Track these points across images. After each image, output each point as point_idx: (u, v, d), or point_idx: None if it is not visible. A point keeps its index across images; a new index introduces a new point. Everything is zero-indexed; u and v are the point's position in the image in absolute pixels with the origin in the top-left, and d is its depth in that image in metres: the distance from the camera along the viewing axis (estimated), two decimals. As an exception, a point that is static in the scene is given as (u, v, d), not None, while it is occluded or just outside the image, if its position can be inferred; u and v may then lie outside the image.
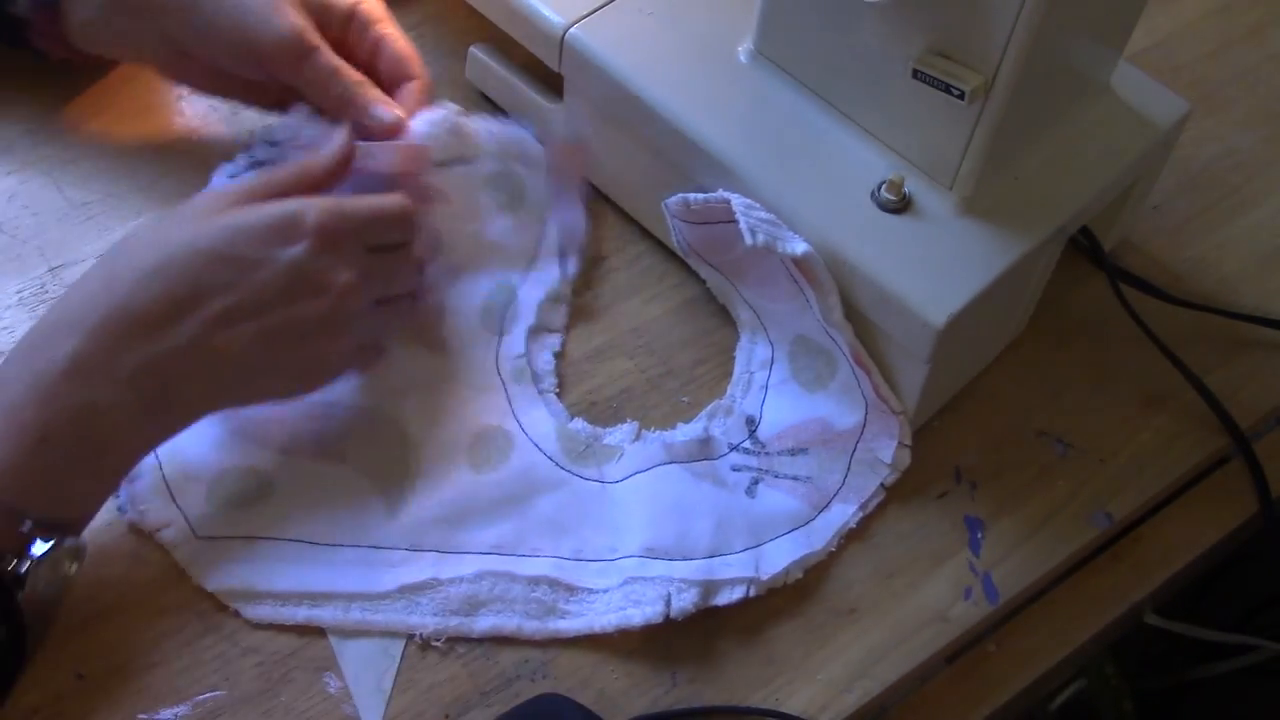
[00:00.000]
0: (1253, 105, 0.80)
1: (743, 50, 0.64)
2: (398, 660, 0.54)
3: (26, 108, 0.69)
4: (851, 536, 0.60)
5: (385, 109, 0.60)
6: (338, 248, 0.53)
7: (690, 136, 0.61)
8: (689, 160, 0.62)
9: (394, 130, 0.60)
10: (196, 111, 0.70)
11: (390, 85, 0.63)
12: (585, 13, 0.65)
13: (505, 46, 0.70)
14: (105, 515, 0.56)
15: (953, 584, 0.59)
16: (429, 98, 0.63)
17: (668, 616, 0.54)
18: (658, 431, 0.61)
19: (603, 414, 0.62)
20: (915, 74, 0.55)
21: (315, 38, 0.60)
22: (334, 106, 0.61)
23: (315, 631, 0.54)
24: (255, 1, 0.59)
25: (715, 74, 0.63)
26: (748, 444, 0.60)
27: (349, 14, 0.63)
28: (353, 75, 0.61)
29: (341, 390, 0.58)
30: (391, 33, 0.64)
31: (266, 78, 0.61)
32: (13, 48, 0.63)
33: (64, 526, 0.50)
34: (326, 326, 0.53)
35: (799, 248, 0.56)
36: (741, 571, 0.56)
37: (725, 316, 0.66)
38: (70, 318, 0.50)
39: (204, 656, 0.53)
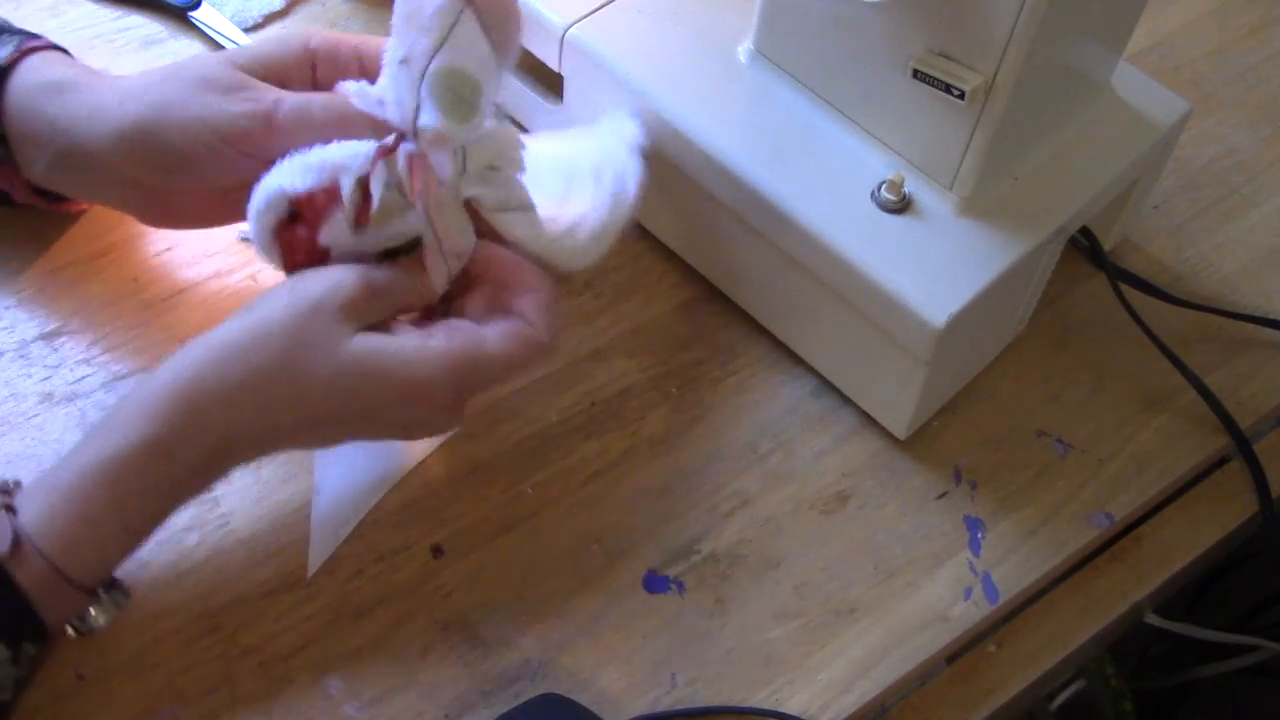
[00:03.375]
0: (1253, 105, 0.80)
1: (743, 50, 0.64)
2: (362, 515, 0.57)
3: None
4: (852, 536, 0.60)
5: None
6: (460, 410, 0.53)
7: (690, 136, 0.61)
8: (689, 160, 0.62)
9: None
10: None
11: None
12: (585, 13, 0.65)
13: (505, 46, 0.70)
14: (105, 515, 0.57)
15: (953, 584, 0.59)
16: None
17: None
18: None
19: (602, 414, 0.62)
20: (915, 74, 0.55)
21: (271, 93, 0.53)
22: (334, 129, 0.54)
23: (315, 631, 0.54)
24: (199, 108, 0.53)
25: (715, 74, 0.63)
26: None
27: (306, 56, 0.56)
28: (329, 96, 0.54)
29: None
30: (358, 38, 0.57)
31: (255, 167, 0.53)
32: None
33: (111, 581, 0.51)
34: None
35: None
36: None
37: (725, 316, 0.66)
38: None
39: (204, 656, 0.53)
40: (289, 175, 0.51)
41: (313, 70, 0.56)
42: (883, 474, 0.62)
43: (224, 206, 0.57)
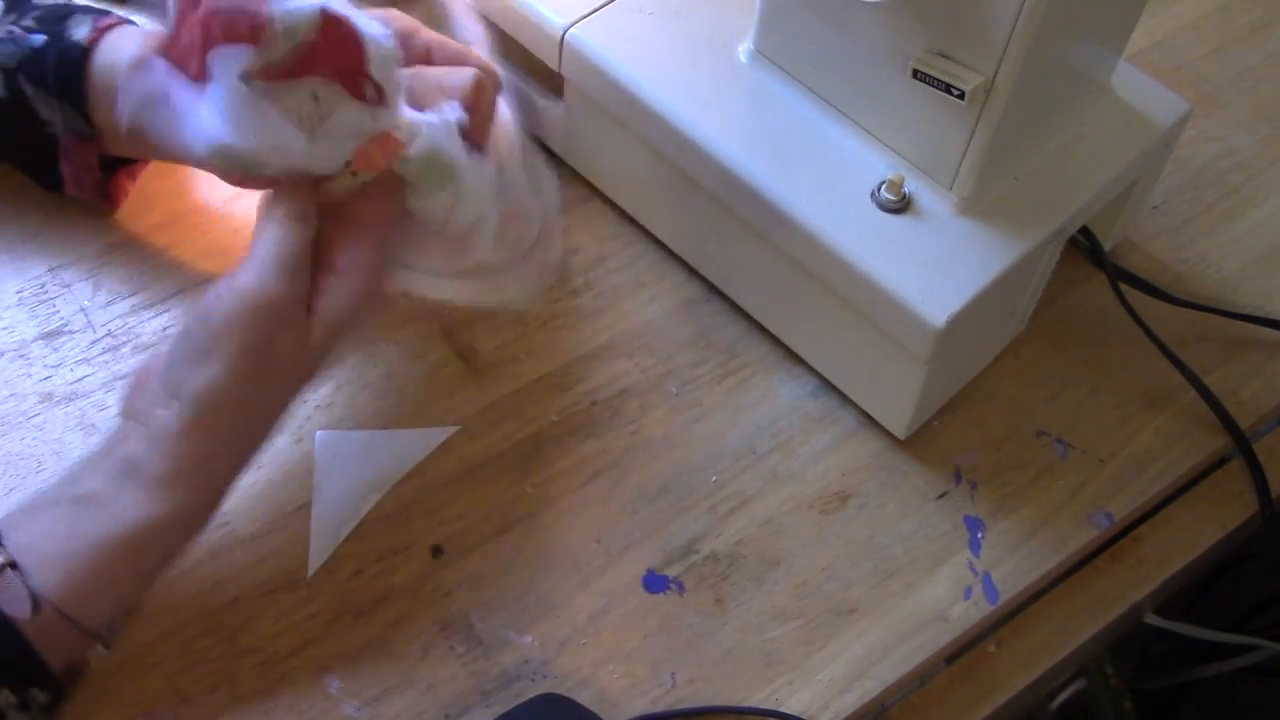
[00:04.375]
0: (1253, 105, 0.80)
1: (743, 50, 0.64)
2: (362, 515, 0.57)
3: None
4: (851, 536, 0.60)
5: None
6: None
7: (690, 136, 0.61)
8: (689, 160, 0.62)
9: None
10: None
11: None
12: (585, 13, 0.65)
13: (505, 46, 0.70)
14: (105, 515, 0.57)
15: (953, 584, 0.59)
16: (484, 85, 0.55)
17: None
18: None
19: (602, 414, 0.62)
20: (915, 74, 0.55)
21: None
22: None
23: (315, 631, 0.54)
24: None
25: (715, 74, 0.63)
26: None
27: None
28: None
29: None
30: (435, 37, 0.56)
31: None
32: (30, 171, 0.62)
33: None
34: None
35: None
36: None
37: (725, 316, 0.66)
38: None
39: (204, 656, 0.53)
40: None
41: None
42: (883, 474, 0.62)
43: None
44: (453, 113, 0.53)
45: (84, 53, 0.57)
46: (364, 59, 0.49)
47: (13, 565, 0.46)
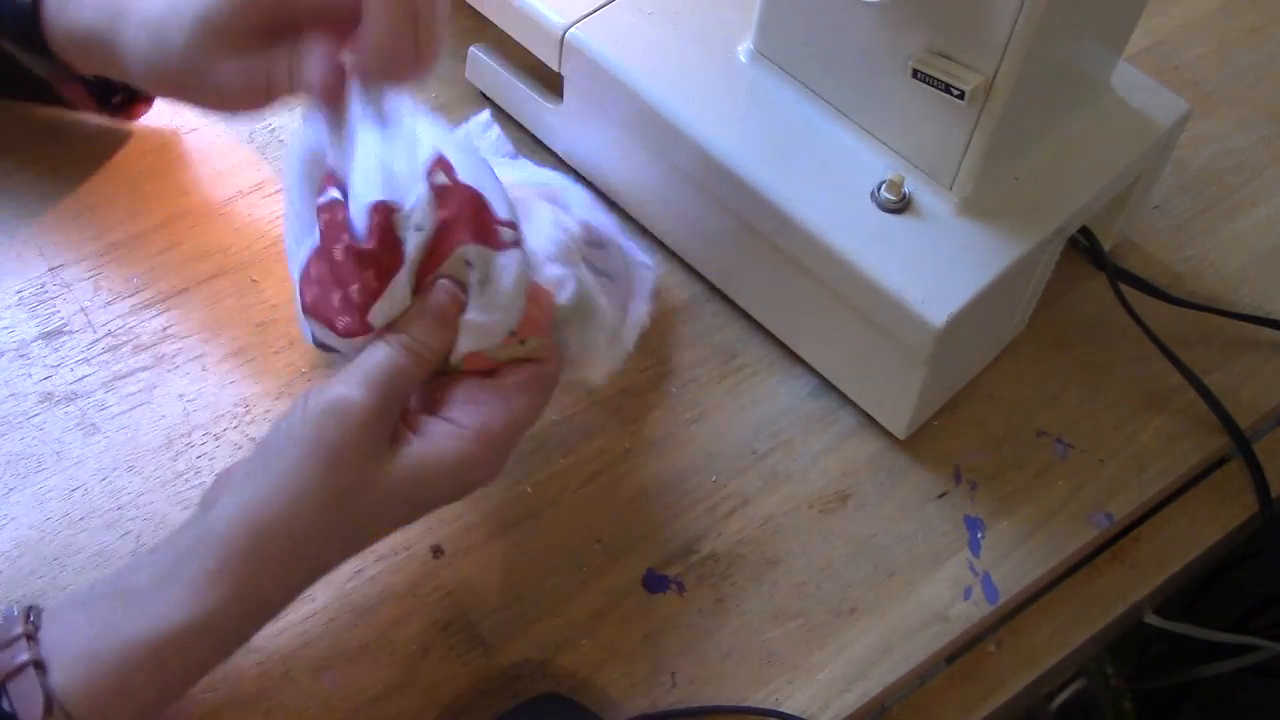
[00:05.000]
0: (1253, 105, 0.80)
1: (743, 50, 0.64)
2: None
3: (29, 107, 0.69)
4: (851, 536, 0.60)
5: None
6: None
7: (690, 136, 0.61)
8: (689, 160, 0.62)
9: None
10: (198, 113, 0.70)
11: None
12: (585, 13, 0.65)
13: (505, 46, 0.70)
14: (106, 516, 0.57)
15: (953, 584, 0.59)
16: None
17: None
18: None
19: (602, 414, 0.62)
20: (915, 74, 0.55)
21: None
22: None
23: (315, 631, 0.54)
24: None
25: (715, 74, 0.63)
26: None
27: None
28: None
29: None
30: None
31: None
32: (51, 103, 0.62)
33: None
34: None
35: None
36: None
37: (725, 316, 0.66)
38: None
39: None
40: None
41: None
42: (883, 474, 0.62)
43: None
44: (563, 230, 0.53)
45: (33, 4, 0.56)
46: (486, 206, 0.49)
47: (38, 664, 0.44)
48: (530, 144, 0.72)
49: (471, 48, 0.72)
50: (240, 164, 0.69)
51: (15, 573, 0.54)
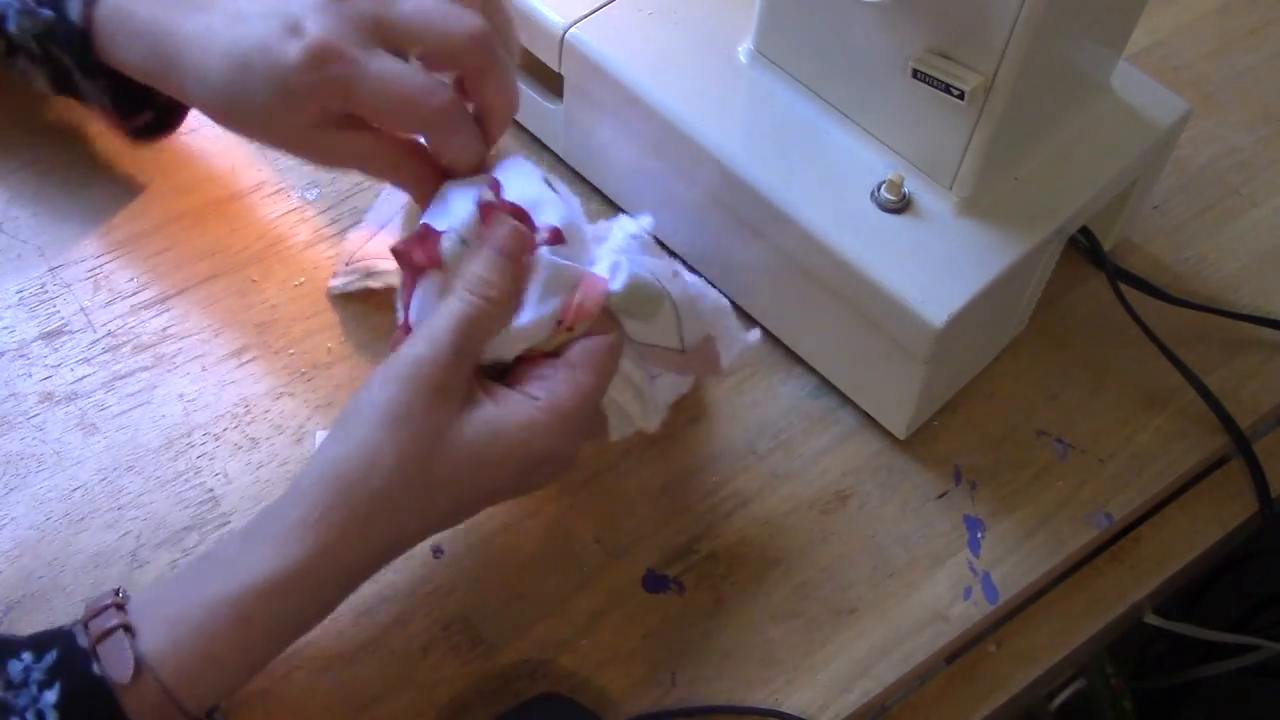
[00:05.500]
0: (1253, 105, 0.80)
1: (743, 50, 0.64)
2: None
3: (27, 107, 0.69)
4: (852, 536, 0.60)
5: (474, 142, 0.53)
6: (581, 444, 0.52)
7: (690, 136, 0.61)
8: (689, 160, 0.62)
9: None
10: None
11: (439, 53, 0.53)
12: (585, 13, 0.65)
13: (505, 46, 0.70)
14: (106, 516, 0.57)
15: (953, 584, 0.59)
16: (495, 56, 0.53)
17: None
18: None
19: (602, 414, 0.62)
20: (915, 74, 0.55)
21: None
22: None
23: (316, 631, 0.54)
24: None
25: (715, 74, 0.63)
26: None
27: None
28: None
29: None
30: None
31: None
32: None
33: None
34: None
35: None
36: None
37: (725, 316, 0.66)
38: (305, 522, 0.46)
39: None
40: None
41: None
42: (883, 474, 0.62)
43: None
44: (635, 229, 0.54)
45: (83, 34, 0.56)
46: (526, 217, 0.51)
47: (127, 628, 0.45)
48: (530, 144, 0.72)
49: (471, 48, 0.72)
50: (240, 164, 0.69)
51: (15, 573, 0.54)
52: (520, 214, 0.51)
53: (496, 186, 0.51)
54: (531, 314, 0.50)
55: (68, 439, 0.58)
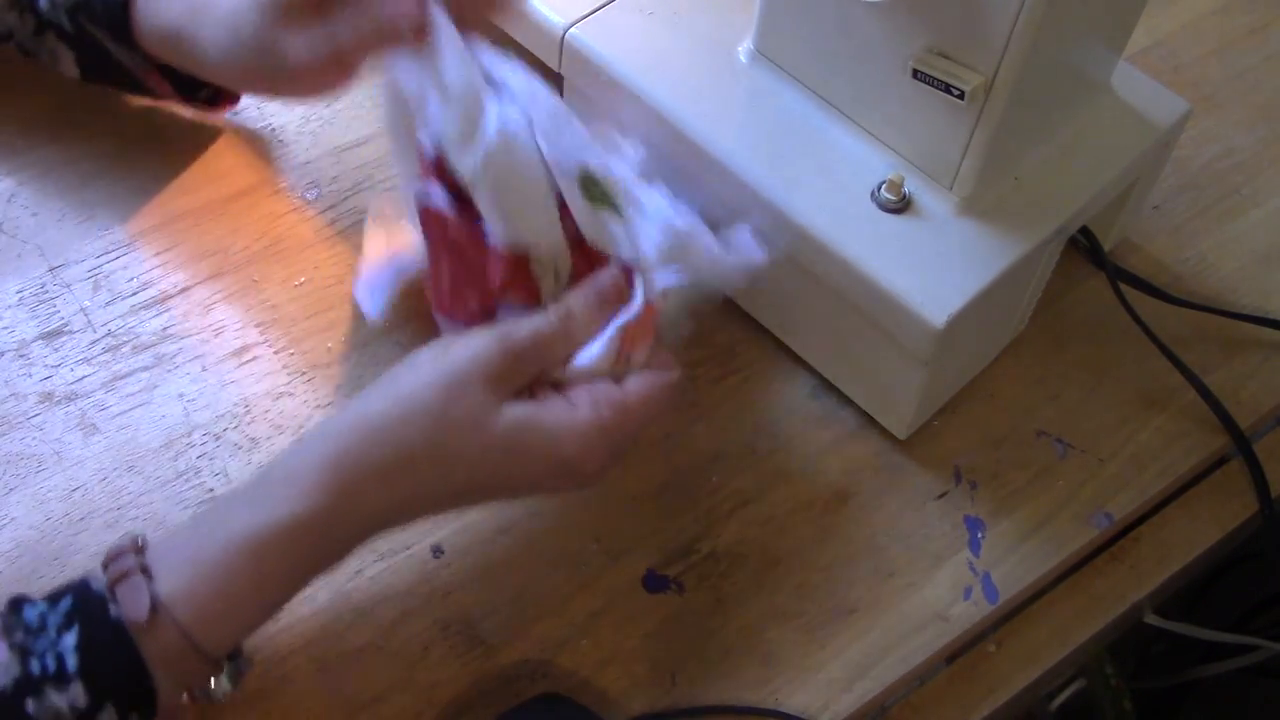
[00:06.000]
0: (1253, 105, 0.80)
1: (743, 50, 0.64)
2: None
3: (27, 108, 0.69)
4: (852, 536, 0.60)
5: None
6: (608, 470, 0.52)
7: (690, 136, 0.61)
8: (689, 160, 0.62)
9: None
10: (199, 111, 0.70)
11: None
12: (585, 13, 0.65)
13: (505, 46, 0.70)
14: (106, 516, 0.57)
15: (953, 584, 0.59)
16: None
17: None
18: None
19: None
20: (915, 74, 0.55)
21: None
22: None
23: (315, 632, 0.54)
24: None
25: (715, 74, 0.63)
26: None
27: None
28: None
29: None
30: None
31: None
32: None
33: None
34: None
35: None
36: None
37: (725, 316, 0.66)
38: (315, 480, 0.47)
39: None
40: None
41: None
42: (883, 474, 0.62)
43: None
44: (666, 224, 0.53)
45: (124, 3, 0.58)
46: (631, 274, 0.52)
47: (144, 570, 0.45)
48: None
49: (471, 48, 0.72)
50: (240, 164, 0.69)
51: (15, 573, 0.54)
52: (628, 270, 0.52)
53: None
54: (598, 348, 0.51)
55: (68, 439, 0.58)
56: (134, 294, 0.63)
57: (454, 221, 0.52)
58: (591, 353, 0.51)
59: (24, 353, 0.61)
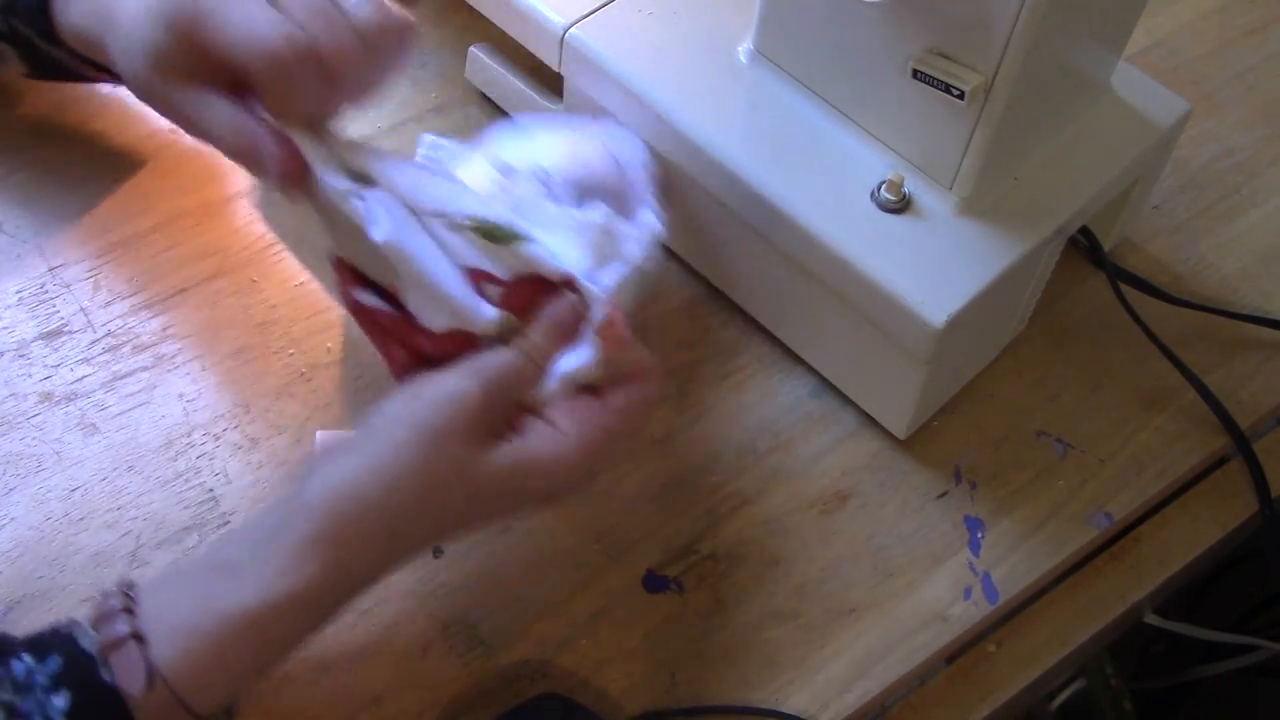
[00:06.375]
0: (1253, 105, 0.80)
1: (743, 50, 0.64)
2: None
3: (27, 108, 0.69)
4: (851, 536, 0.60)
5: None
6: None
7: (690, 136, 0.61)
8: (689, 160, 0.62)
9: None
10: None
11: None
12: (585, 13, 0.65)
13: (505, 46, 0.70)
14: (106, 516, 0.57)
15: (953, 584, 0.59)
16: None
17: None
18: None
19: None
20: (915, 74, 0.55)
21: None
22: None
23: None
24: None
25: (715, 74, 0.63)
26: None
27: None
28: None
29: None
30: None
31: None
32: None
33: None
34: None
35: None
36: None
37: (725, 316, 0.66)
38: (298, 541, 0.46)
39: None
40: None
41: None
42: (883, 474, 0.62)
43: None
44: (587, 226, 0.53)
45: (41, 4, 0.56)
46: (575, 281, 0.51)
47: (138, 637, 0.44)
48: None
49: (471, 47, 0.72)
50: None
51: (15, 573, 0.54)
52: (570, 281, 0.51)
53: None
54: (576, 360, 0.50)
55: (68, 439, 0.58)
56: (134, 294, 0.63)
57: (385, 312, 0.52)
58: (570, 364, 0.50)
59: (24, 353, 0.61)
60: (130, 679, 0.44)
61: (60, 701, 0.43)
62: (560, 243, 0.52)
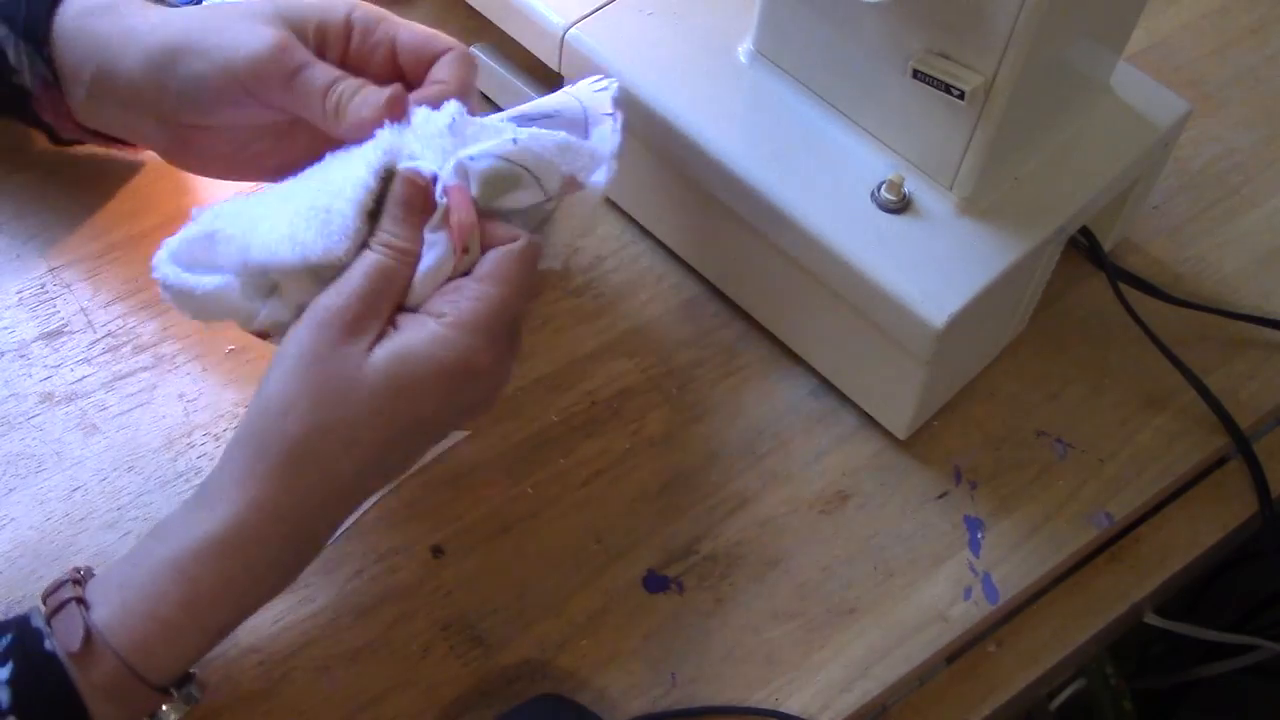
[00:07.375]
0: (1253, 105, 0.80)
1: (743, 50, 0.64)
2: (362, 515, 0.57)
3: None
4: (852, 536, 0.60)
5: (373, 94, 0.53)
6: (507, 361, 0.51)
7: (690, 136, 0.61)
8: (689, 160, 0.62)
9: (395, 107, 0.52)
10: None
11: (422, 72, 0.55)
12: (585, 13, 0.65)
13: (505, 46, 0.70)
14: (106, 516, 0.57)
15: (953, 584, 0.59)
16: (470, 64, 0.55)
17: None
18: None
19: (602, 414, 0.62)
20: (915, 74, 0.55)
21: (301, 54, 0.53)
22: (334, 123, 0.53)
23: (315, 631, 0.54)
24: (227, 36, 0.53)
25: (715, 74, 0.63)
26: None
27: (345, 26, 0.55)
28: (352, 81, 0.53)
29: None
30: (401, 23, 0.56)
31: (268, 117, 0.56)
32: (24, 122, 0.62)
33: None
34: None
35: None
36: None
37: (725, 316, 0.66)
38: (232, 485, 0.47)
39: (205, 656, 0.53)
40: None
41: (347, 40, 0.55)
42: (883, 474, 0.62)
43: (244, 157, 0.58)
44: (445, 119, 0.52)
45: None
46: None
47: (80, 600, 0.45)
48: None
49: (471, 48, 0.72)
50: (240, 164, 0.69)
51: (15, 573, 0.54)
52: (418, 174, 0.50)
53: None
54: (432, 255, 0.50)
55: (68, 439, 0.58)
56: (134, 294, 0.63)
57: None
58: (427, 263, 0.50)
59: (24, 353, 0.61)
60: (68, 640, 0.44)
61: (4, 673, 0.44)
62: (423, 150, 0.52)
